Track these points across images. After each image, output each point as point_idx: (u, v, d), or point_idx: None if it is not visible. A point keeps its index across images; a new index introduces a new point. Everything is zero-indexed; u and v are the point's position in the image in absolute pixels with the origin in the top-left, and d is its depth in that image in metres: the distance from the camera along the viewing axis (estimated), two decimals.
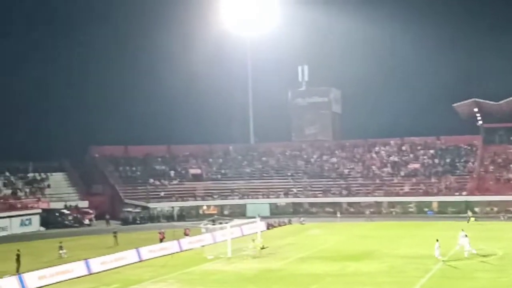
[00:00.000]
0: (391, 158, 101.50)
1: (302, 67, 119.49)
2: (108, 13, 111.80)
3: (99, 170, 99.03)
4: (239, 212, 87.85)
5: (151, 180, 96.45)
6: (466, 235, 43.94)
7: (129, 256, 45.49)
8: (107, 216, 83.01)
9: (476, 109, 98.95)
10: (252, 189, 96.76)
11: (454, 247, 44.94)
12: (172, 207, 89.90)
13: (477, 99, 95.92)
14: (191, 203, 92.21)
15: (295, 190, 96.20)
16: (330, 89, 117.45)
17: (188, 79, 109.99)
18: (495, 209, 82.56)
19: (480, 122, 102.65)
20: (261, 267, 41.10)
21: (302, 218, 78.18)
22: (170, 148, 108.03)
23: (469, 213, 75.69)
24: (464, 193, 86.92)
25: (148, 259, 46.44)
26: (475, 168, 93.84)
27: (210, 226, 56.72)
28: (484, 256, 42.86)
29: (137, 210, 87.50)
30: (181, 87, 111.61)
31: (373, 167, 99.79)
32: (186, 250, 51.60)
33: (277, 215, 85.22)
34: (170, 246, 50.63)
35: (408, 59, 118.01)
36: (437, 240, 42.87)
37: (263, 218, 72.15)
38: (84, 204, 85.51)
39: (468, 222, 68.07)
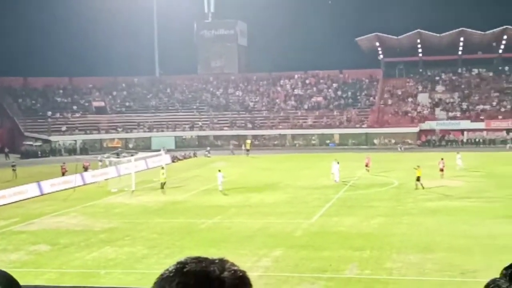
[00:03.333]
0: (295, 92, 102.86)
1: None
2: None
3: None
4: (144, 145, 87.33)
5: (52, 113, 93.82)
6: (338, 162, 47.78)
7: (29, 190, 44.56)
8: (6, 150, 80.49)
9: (377, 43, 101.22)
10: (157, 122, 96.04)
11: (353, 177, 46.62)
12: (75, 141, 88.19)
13: (378, 34, 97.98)
14: (94, 136, 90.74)
15: (200, 123, 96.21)
16: (236, 21, 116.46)
17: (91, 9, 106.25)
18: (393, 141, 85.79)
19: (381, 56, 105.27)
20: (166, 200, 41.30)
21: (207, 151, 78.55)
22: (72, 80, 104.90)
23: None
24: (364, 125, 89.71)
25: (49, 193, 45.68)
26: (375, 102, 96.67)
27: (113, 159, 56.15)
28: (381, 185, 44.74)
29: (38, 143, 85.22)
30: (82, 16, 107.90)
31: (278, 100, 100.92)
32: (90, 183, 51.02)
33: (183, 148, 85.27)
34: (72, 179, 49.81)
35: None
36: (338, 163, 45.43)
37: (168, 151, 72.09)
38: None
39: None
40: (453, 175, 49.01)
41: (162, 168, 47.52)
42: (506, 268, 1.43)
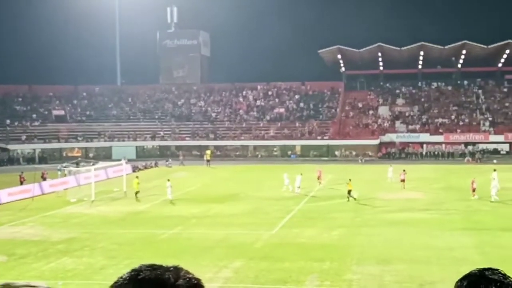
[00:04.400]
0: (258, 103, 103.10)
1: (171, 8, 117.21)
2: None
3: None
4: (105, 155, 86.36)
5: (11, 121, 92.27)
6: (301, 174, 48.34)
7: None
8: None
9: (339, 56, 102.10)
10: (118, 132, 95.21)
11: (314, 188, 46.88)
12: (34, 149, 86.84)
13: (340, 46, 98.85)
14: (54, 145, 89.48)
15: (162, 133, 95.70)
16: (199, 31, 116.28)
17: (52, 17, 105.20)
18: (354, 152, 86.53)
19: (343, 68, 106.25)
20: (126, 210, 40.90)
21: (168, 161, 78.12)
22: (31, 88, 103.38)
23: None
24: (326, 137, 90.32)
25: (7, 202, 44.86)
26: (337, 114, 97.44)
27: (73, 168, 55.44)
28: (342, 197, 45.02)
29: None
30: (45, 24, 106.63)
31: (240, 111, 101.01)
32: (48, 193, 50.25)
33: (144, 158, 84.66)
34: (31, 188, 49.00)
35: (275, 5, 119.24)
36: (301, 174, 46.06)
37: (129, 161, 71.47)
38: None
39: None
40: (386, 188, 49.87)
41: (137, 177, 47.69)
42: (460, 280, 1.46)
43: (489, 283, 1.42)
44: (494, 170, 47.03)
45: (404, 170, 51.25)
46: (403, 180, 49.73)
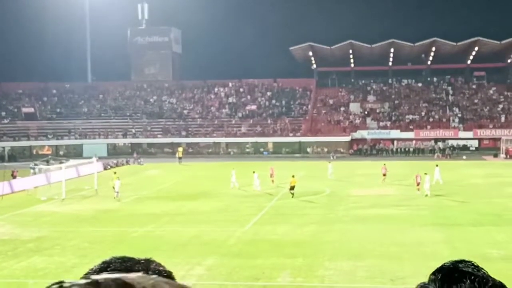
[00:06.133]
0: (230, 100, 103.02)
1: (142, 4, 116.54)
2: None
3: None
4: (75, 153, 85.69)
5: None
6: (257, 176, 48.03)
7: None
8: None
9: (311, 53, 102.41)
10: (89, 129, 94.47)
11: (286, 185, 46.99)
12: (3, 147, 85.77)
13: (312, 43, 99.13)
14: (23, 143, 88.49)
15: (133, 130, 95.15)
16: (170, 28, 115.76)
17: (21, 13, 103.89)
18: (326, 149, 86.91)
19: (314, 66, 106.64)
20: (97, 208, 40.61)
21: (140, 159, 77.74)
22: (0, 85, 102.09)
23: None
24: (298, 134, 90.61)
25: None
26: (309, 110, 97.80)
27: (43, 166, 54.90)
28: (314, 193, 45.25)
29: None
30: (13, 21, 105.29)
31: (212, 108, 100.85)
32: (18, 191, 49.67)
33: (115, 156, 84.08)
34: (0, 187, 48.35)
35: (246, 2, 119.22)
36: (254, 172, 46.24)
37: (100, 158, 70.89)
38: None
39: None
40: (358, 184, 50.44)
41: (115, 173, 47.58)
42: (433, 273, 1.47)
43: (463, 275, 1.44)
44: (437, 165, 51.05)
45: (384, 164, 53.16)
46: (384, 174, 50.94)
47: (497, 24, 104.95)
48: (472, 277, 1.43)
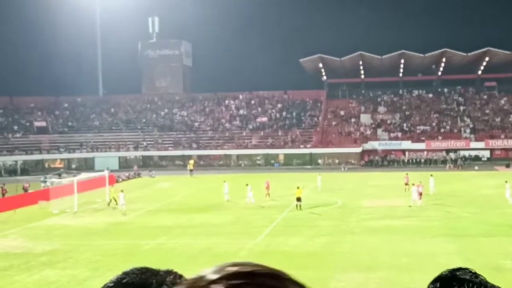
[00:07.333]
0: (240, 112, 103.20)
1: (152, 18, 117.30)
2: None
3: None
4: (87, 166, 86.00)
5: None
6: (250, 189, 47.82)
7: None
8: None
9: (321, 65, 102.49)
10: (101, 142, 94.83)
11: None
12: (16, 161, 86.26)
13: (322, 55, 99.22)
14: (36, 156, 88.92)
15: (145, 143, 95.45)
16: (181, 41, 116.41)
17: (33, 27, 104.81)
18: (337, 160, 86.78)
19: (325, 77, 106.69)
20: (109, 221, 40.74)
21: (152, 171, 77.92)
22: (12, 99, 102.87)
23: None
24: (308, 145, 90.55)
25: None
26: (319, 122, 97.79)
27: (55, 180, 55.14)
28: (326, 205, 45.18)
29: None
30: (25, 36, 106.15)
31: (223, 120, 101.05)
32: (30, 205, 49.88)
33: (127, 169, 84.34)
34: (12, 200, 48.69)
35: (256, 15, 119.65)
36: (247, 184, 46.32)
37: (112, 171, 71.11)
38: None
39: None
40: (369, 195, 50.24)
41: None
42: (432, 282, 1.49)
43: (461, 283, 1.46)
44: (431, 175, 51.97)
45: (407, 174, 53.64)
46: (406, 184, 51.00)
47: (508, 34, 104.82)
48: (471, 284, 1.44)
